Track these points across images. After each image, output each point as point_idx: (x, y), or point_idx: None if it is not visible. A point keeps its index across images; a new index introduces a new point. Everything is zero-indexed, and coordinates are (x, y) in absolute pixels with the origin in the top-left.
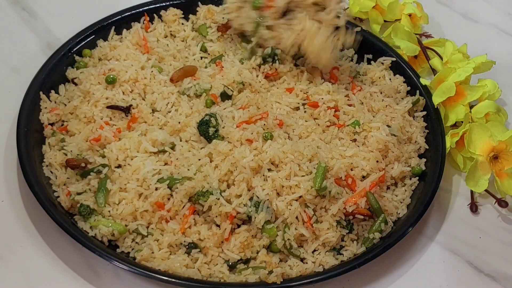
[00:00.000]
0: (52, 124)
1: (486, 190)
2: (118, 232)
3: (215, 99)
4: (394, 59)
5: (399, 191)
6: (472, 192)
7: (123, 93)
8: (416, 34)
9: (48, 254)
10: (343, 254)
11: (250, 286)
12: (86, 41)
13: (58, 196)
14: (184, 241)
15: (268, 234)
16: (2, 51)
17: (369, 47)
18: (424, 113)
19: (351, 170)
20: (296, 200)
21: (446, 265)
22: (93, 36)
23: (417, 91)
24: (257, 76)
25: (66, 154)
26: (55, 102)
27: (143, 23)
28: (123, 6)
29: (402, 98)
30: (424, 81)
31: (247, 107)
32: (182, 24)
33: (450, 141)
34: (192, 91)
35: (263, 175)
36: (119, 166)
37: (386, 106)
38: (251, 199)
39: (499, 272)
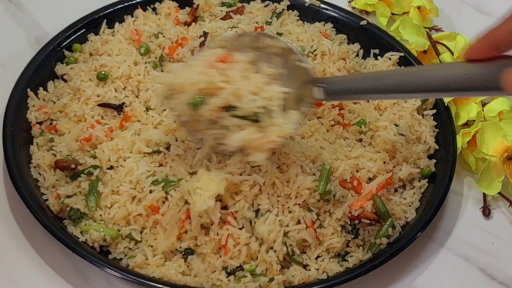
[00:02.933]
0: (40, 123)
1: (499, 193)
2: (110, 237)
3: None
4: (402, 54)
5: (408, 194)
6: (484, 195)
7: (116, 90)
8: (425, 27)
9: (36, 261)
10: (348, 261)
11: None
12: (76, 35)
13: (47, 199)
14: (180, 247)
15: (269, 238)
16: None
17: (376, 41)
18: (434, 111)
19: (357, 171)
20: (299, 204)
21: (457, 272)
22: (84, 30)
23: None
24: None
25: (55, 155)
26: (44, 100)
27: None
28: None
29: None
30: None
31: None
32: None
33: (461, 141)
34: None
35: None
36: (111, 168)
37: (394, 104)
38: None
39: None
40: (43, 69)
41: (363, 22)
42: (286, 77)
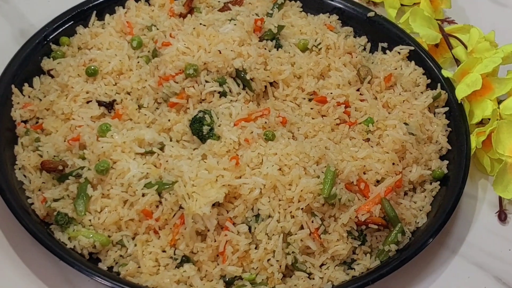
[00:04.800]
0: (25, 122)
1: None
2: (100, 243)
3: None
4: (412, 48)
5: (418, 197)
6: (500, 198)
7: (106, 86)
8: (437, 19)
9: (21, 269)
10: (354, 269)
11: None
12: (64, 27)
13: (32, 203)
14: (175, 254)
15: (269, 246)
16: None
17: (384, 34)
18: (446, 109)
19: (364, 173)
20: (302, 208)
21: (472, 281)
22: (72, 22)
23: (439, 84)
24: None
25: (41, 156)
26: (29, 97)
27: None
28: None
29: (422, 92)
30: (446, 73)
31: (246, 103)
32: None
33: (475, 140)
34: None
35: None
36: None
37: (403, 101)
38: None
39: None
40: (28, 64)
41: (371, 14)
42: None
